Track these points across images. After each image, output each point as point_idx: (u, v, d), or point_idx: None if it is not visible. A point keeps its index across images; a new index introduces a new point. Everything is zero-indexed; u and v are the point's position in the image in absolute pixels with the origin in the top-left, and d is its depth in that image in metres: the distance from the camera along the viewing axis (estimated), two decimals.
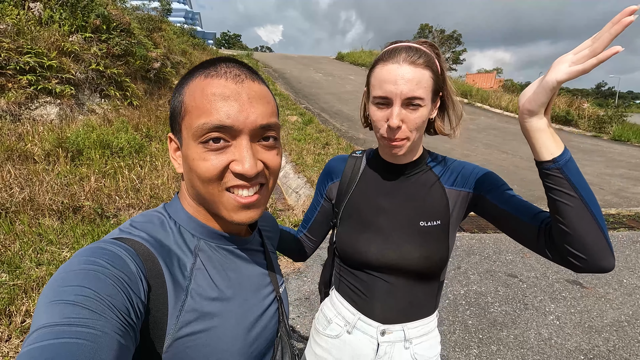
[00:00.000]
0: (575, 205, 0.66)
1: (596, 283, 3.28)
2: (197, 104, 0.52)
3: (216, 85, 0.53)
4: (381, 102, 0.83)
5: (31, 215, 3.15)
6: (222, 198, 0.55)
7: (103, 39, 6.08)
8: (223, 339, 0.56)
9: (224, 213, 0.56)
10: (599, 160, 8.04)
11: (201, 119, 0.52)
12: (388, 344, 0.95)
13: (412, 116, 0.82)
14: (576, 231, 0.67)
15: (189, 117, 0.54)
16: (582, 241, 0.67)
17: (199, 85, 0.54)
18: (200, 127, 0.52)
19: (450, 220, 0.92)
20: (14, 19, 5.05)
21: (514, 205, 0.80)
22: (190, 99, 0.54)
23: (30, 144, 4.07)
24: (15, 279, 2.42)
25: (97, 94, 5.62)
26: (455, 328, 2.59)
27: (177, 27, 13.46)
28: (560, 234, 0.69)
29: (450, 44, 38.79)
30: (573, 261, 0.69)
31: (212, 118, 0.51)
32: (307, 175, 5.03)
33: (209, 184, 0.54)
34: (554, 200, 0.68)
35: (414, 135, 0.85)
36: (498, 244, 3.96)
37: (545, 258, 0.75)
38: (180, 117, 0.55)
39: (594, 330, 2.62)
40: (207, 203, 0.57)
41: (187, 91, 0.55)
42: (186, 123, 0.54)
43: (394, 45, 0.86)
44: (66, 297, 0.40)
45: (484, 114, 11.36)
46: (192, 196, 0.60)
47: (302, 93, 11.15)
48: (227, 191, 0.55)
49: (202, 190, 0.55)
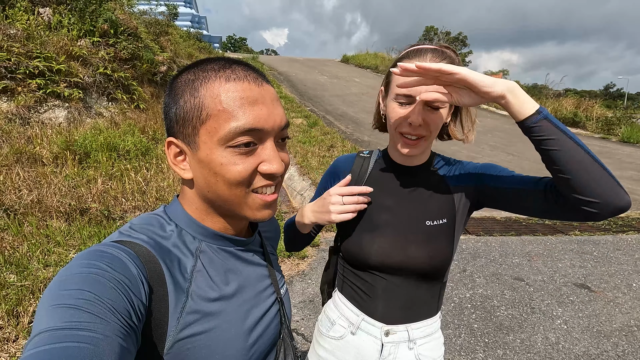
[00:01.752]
0: (570, 147, 0.68)
1: (605, 287, 3.23)
2: (225, 108, 0.52)
3: (241, 89, 0.53)
4: (403, 100, 0.84)
5: (39, 217, 3.19)
6: (247, 199, 0.56)
7: (111, 43, 6.16)
8: (224, 341, 0.56)
9: (248, 213, 0.57)
10: (608, 162, 7.93)
11: (231, 122, 0.51)
12: (392, 345, 0.95)
13: (433, 116, 0.84)
14: (579, 174, 0.67)
15: (214, 122, 0.52)
16: (589, 183, 0.68)
17: (221, 88, 0.52)
18: (231, 131, 0.51)
19: (456, 218, 0.93)
20: (24, 24, 5.14)
21: (516, 181, 0.83)
22: (213, 102, 0.52)
23: (39, 146, 4.13)
24: (23, 280, 2.45)
25: (104, 97, 5.69)
26: (461, 332, 2.57)
27: (184, 31, 13.60)
28: (566, 186, 0.70)
29: (456, 46, 38.68)
30: (588, 209, 0.69)
31: (244, 122, 0.51)
32: (312, 177, 5.03)
33: (237, 187, 0.54)
34: (549, 151, 0.69)
35: (431, 135, 0.87)
36: (504, 247, 3.92)
37: (562, 220, 0.76)
38: (200, 121, 0.53)
39: (602, 335, 2.58)
40: (229, 205, 0.57)
41: (207, 94, 0.53)
42: (209, 127, 0.52)
43: (419, 46, 0.88)
44: (67, 301, 0.40)
45: (490, 116, 11.28)
46: (205, 199, 0.59)
47: (307, 95, 11.18)
48: (253, 192, 0.56)
49: (226, 193, 0.55)
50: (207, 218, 0.60)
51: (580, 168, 0.67)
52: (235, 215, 0.59)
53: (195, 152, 0.55)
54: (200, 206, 0.60)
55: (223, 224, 0.62)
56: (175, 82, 0.57)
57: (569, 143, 0.68)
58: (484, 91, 0.69)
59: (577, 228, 4.54)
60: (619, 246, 4.10)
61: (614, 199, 0.67)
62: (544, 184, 0.78)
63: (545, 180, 0.79)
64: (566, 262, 3.67)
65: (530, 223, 4.66)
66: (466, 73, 0.68)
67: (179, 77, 0.57)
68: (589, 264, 3.65)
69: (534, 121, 0.69)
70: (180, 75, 0.57)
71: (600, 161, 0.68)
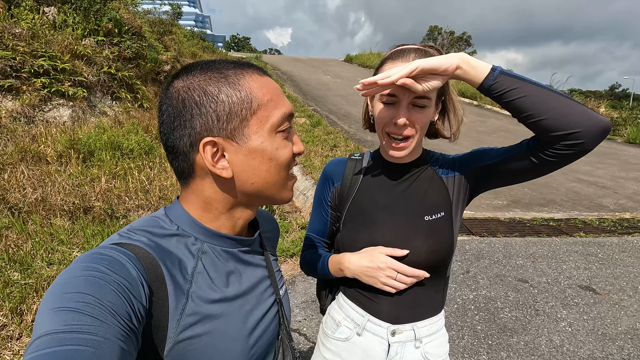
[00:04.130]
0: (534, 90, 0.71)
1: (610, 289, 3.20)
2: (272, 97, 0.58)
3: (271, 82, 0.60)
4: (388, 101, 0.85)
5: (43, 215, 3.20)
6: (288, 181, 0.63)
7: (115, 42, 6.18)
8: (223, 342, 0.55)
9: (284, 194, 0.63)
10: (613, 163, 7.87)
11: (280, 109, 0.58)
12: (399, 344, 0.96)
13: (418, 115, 0.85)
14: (552, 110, 0.70)
15: (264, 110, 0.57)
16: (564, 115, 0.70)
17: (262, 82, 0.58)
18: (281, 117, 0.58)
19: (453, 209, 0.95)
20: (29, 23, 5.16)
21: (501, 153, 0.86)
22: (262, 92, 0.57)
23: (43, 145, 4.15)
24: (26, 278, 2.46)
25: (108, 96, 5.71)
26: (464, 333, 2.55)
27: (188, 31, 13.62)
28: (545, 129, 0.73)
29: (459, 46, 38.52)
30: (574, 142, 0.71)
31: (287, 108, 0.59)
32: (315, 177, 5.02)
33: (285, 169, 0.60)
34: (516, 101, 0.72)
35: (418, 134, 0.87)
36: (508, 248, 3.90)
37: (552, 169, 0.78)
38: (251, 111, 0.55)
39: (607, 338, 2.55)
40: (270, 191, 0.61)
41: (254, 86, 0.56)
42: (260, 117, 0.56)
43: (402, 46, 0.89)
44: (67, 304, 0.40)
45: (494, 116, 11.23)
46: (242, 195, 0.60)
47: (310, 95, 11.17)
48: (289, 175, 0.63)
49: (275, 178, 0.60)
50: (207, 218, 0.60)
51: (550, 104, 0.70)
52: (269, 199, 0.63)
53: (242, 144, 0.56)
54: (217, 206, 0.59)
55: (226, 225, 0.62)
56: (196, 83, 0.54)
57: (530, 87, 0.72)
58: (442, 69, 0.74)
59: (582, 229, 4.51)
60: (624, 248, 4.06)
61: (592, 121, 0.69)
62: (525, 144, 0.81)
63: (525, 141, 0.82)
64: (571, 264, 3.64)
65: (535, 224, 4.63)
66: (422, 63, 0.73)
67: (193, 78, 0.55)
68: (594, 266, 3.62)
69: (492, 78, 0.73)
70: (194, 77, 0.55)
71: (563, 94, 0.72)
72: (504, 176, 0.87)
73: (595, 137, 0.70)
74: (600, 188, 6.14)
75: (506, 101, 0.73)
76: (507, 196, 5.57)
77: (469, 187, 0.95)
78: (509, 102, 0.73)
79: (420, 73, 0.74)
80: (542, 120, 0.71)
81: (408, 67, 0.74)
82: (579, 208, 5.27)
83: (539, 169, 0.80)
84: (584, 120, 0.69)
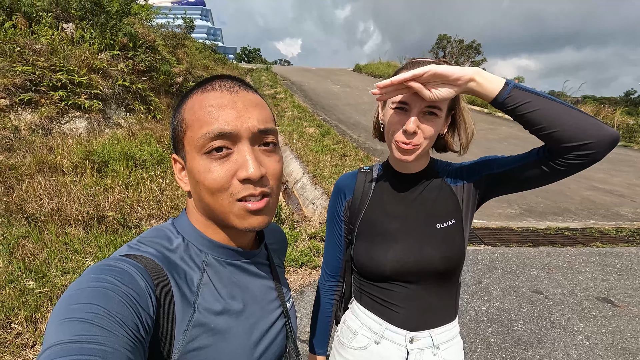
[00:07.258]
0: (546, 103, 0.73)
1: (629, 301, 3.09)
2: (197, 117, 0.55)
3: (212, 97, 0.55)
4: (400, 107, 0.87)
5: (58, 225, 3.28)
6: (233, 208, 0.55)
7: (129, 56, 6.36)
8: (229, 354, 0.56)
9: (236, 222, 0.56)
10: (628, 170, 7.67)
11: (202, 129, 0.54)
12: (417, 351, 0.96)
13: (428, 124, 0.86)
14: (565, 122, 0.72)
15: (190, 131, 0.56)
16: (577, 127, 0.72)
17: (197, 100, 0.56)
18: (202, 137, 0.53)
19: (463, 216, 0.97)
20: (49, 39, 5.37)
21: (511, 161, 0.88)
22: (189, 113, 0.56)
23: (59, 156, 4.27)
24: (41, 287, 2.51)
25: (122, 108, 5.86)
26: (477, 346, 2.49)
27: (200, 43, 13.95)
28: (557, 140, 0.74)
29: (469, 54, 38.39)
30: (584, 152, 0.73)
31: (213, 127, 0.53)
32: (324, 186, 5.03)
33: (218, 194, 0.54)
34: (530, 114, 0.74)
35: (426, 143, 0.89)
36: (521, 259, 3.81)
37: (561, 177, 0.81)
38: (182, 133, 0.57)
39: (627, 353, 2.46)
40: (217, 215, 0.57)
41: (186, 108, 0.57)
42: (188, 137, 0.56)
43: (418, 59, 0.92)
44: (77, 314, 0.41)
45: (505, 124, 11.10)
46: (201, 211, 0.60)
47: (319, 105, 11.25)
48: (238, 201, 0.55)
49: (211, 202, 0.55)
50: (210, 230, 0.61)
51: (563, 117, 0.73)
52: (226, 225, 0.58)
53: (186, 163, 0.58)
54: (200, 218, 0.61)
55: (225, 235, 0.62)
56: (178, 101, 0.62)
57: (543, 101, 0.74)
58: (454, 78, 0.75)
59: (599, 239, 4.38)
60: None
61: (603, 133, 0.72)
62: (535, 153, 0.83)
63: (535, 150, 0.84)
64: (587, 275, 3.54)
65: (549, 234, 4.52)
66: (435, 67, 0.74)
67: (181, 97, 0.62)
68: (611, 277, 3.51)
69: (506, 92, 0.75)
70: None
71: (575, 107, 0.74)
72: (513, 184, 0.90)
73: (605, 147, 0.73)
74: (616, 196, 5.98)
75: (520, 114, 0.75)
76: (520, 205, 5.47)
77: (477, 195, 0.97)
78: (523, 115, 0.75)
79: (432, 77, 0.75)
80: (555, 132, 0.73)
81: (421, 68, 0.75)
82: (594, 217, 5.13)
83: (549, 177, 0.83)
84: (595, 132, 0.72)
